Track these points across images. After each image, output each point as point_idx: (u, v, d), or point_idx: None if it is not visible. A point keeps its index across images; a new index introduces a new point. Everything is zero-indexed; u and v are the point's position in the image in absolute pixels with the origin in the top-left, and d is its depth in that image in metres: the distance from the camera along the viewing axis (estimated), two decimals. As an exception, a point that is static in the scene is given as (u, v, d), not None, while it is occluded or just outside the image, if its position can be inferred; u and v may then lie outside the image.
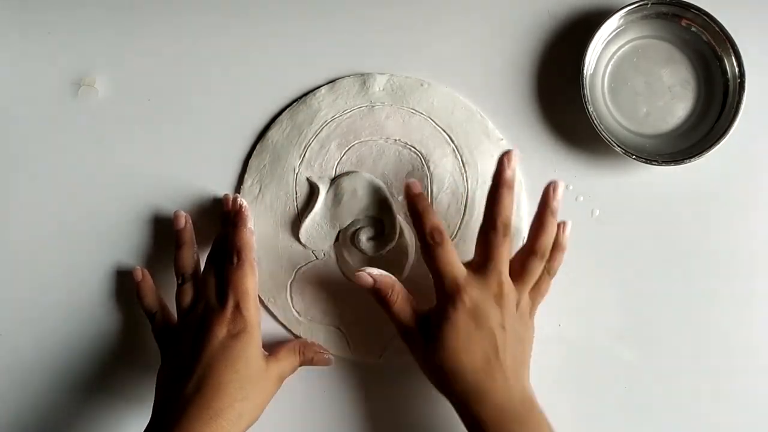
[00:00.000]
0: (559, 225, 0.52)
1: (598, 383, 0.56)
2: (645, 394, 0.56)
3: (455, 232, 0.56)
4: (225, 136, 0.59)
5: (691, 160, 0.54)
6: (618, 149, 0.54)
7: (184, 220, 0.56)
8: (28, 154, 0.59)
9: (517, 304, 0.50)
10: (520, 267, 0.51)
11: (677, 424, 0.55)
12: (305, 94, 0.59)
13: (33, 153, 0.59)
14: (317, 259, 0.57)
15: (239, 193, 0.58)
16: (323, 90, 0.58)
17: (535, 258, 0.50)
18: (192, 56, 0.60)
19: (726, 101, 0.56)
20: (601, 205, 0.57)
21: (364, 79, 0.58)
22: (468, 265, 0.51)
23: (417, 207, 0.51)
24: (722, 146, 0.54)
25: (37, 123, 0.59)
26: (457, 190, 0.57)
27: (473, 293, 0.49)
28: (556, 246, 0.52)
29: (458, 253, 0.55)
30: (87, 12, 0.60)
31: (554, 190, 0.51)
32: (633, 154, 0.54)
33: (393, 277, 0.51)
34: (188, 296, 0.53)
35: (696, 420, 0.55)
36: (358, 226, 0.56)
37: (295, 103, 0.59)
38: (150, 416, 0.49)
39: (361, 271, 0.51)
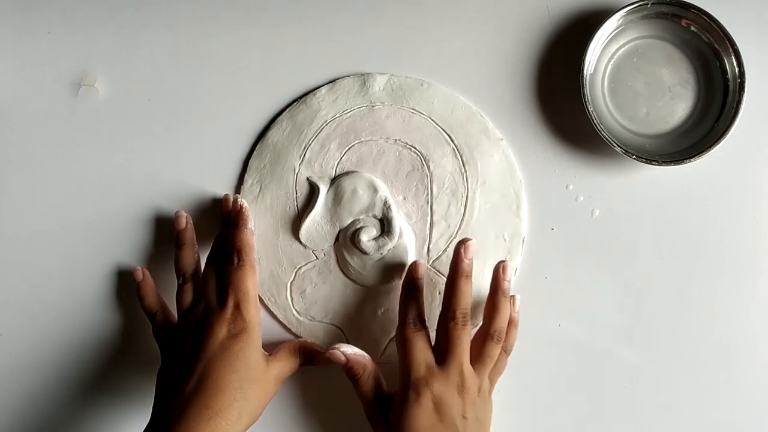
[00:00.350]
0: (510, 299, 0.53)
1: (598, 383, 0.56)
2: (645, 394, 0.56)
3: (455, 232, 0.56)
4: (225, 136, 0.59)
5: (691, 160, 0.54)
6: (618, 149, 0.54)
7: (185, 221, 0.56)
8: (28, 154, 0.59)
9: (479, 389, 0.51)
10: (478, 352, 0.51)
11: (677, 424, 0.55)
12: (305, 94, 0.59)
13: (33, 153, 0.59)
14: (317, 259, 0.57)
15: (239, 193, 0.58)
16: (323, 90, 0.58)
17: (491, 341, 0.51)
18: (192, 56, 0.60)
19: (726, 101, 0.56)
20: (601, 205, 0.57)
21: (364, 79, 0.58)
22: (432, 350, 0.51)
23: (410, 288, 0.52)
24: (722, 146, 0.54)
25: (37, 123, 0.59)
26: (457, 190, 0.57)
27: (436, 386, 0.49)
28: (510, 323, 0.53)
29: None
30: (87, 12, 0.60)
31: (504, 270, 0.52)
32: (633, 154, 0.54)
33: (366, 357, 0.52)
34: (188, 296, 0.53)
35: (696, 420, 0.55)
36: (358, 226, 0.56)
37: (295, 103, 0.59)
38: (150, 416, 0.49)
39: (335, 348, 0.51)
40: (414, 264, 0.53)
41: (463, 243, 0.52)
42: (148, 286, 0.56)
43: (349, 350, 0.51)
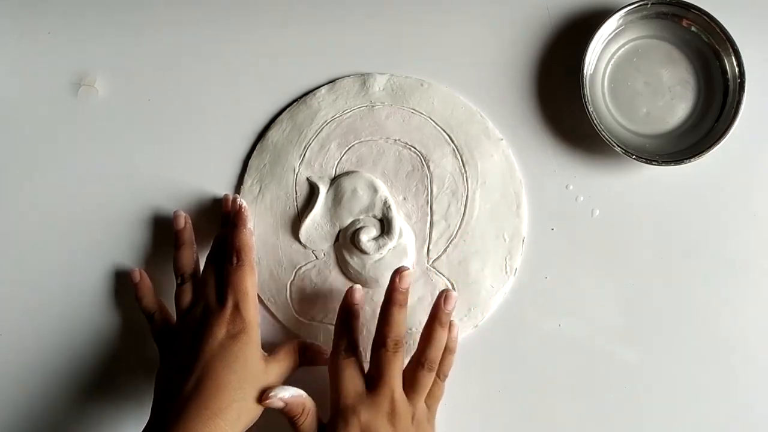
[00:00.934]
0: (450, 324, 0.52)
1: (598, 383, 0.56)
2: (645, 394, 0.56)
3: (455, 232, 0.56)
4: (225, 136, 0.59)
5: (691, 160, 0.54)
6: (618, 149, 0.54)
7: (184, 221, 0.56)
8: (28, 154, 0.59)
9: (413, 417, 0.50)
10: (411, 379, 0.51)
11: (677, 424, 0.55)
12: (305, 94, 0.59)
13: (33, 153, 0.59)
14: (317, 259, 0.57)
15: (239, 193, 0.58)
16: (323, 90, 0.58)
17: (423, 370, 0.50)
18: (192, 56, 0.60)
19: (726, 101, 0.56)
20: (601, 205, 0.57)
21: (364, 79, 0.58)
22: (363, 378, 0.51)
23: (347, 313, 0.51)
24: (722, 146, 0.54)
25: (37, 123, 0.59)
26: (457, 190, 0.57)
27: (364, 415, 0.49)
28: (447, 349, 0.52)
29: (459, 252, 0.56)
30: (87, 12, 0.60)
31: (445, 300, 0.51)
32: (633, 154, 0.54)
33: (304, 395, 0.50)
34: (187, 296, 0.53)
35: (696, 420, 0.55)
36: (358, 226, 0.56)
37: (295, 103, 0.59)
38: (149, 416, 0.49)
39: (272, 397, 0.49)
40: (350, 289, 0.52)
41: (398, 272, 0.51)
42: (146, 287, 0.56)
43: (287, 394, 0.50)
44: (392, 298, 0.51)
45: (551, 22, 0.59)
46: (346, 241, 0.56)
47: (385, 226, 0.56)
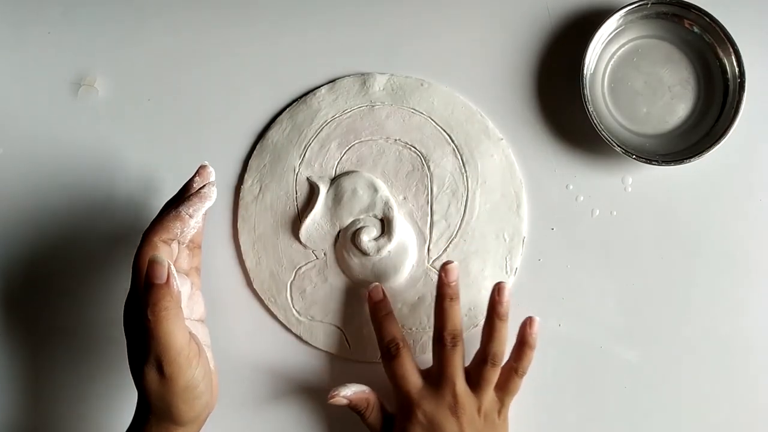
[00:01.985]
0: (525, 321, 0.52)
1: (598, 383, 0.56)
2: (645, 394, 0.56)
3: (455, 232, 0.56)
4: (225, 135, 0.59)
5: (691, 160, 0.54)
6: (618, 149, 0.54)
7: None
8: (28, 154, 0.59)
9: (479, 410, 0.50)
10: (475, 374, 0.51)
11: (677, 424, 0.55)
12: (305, 94, 0.59)
13: (33, 153, 0.59)
14: (317, 259, 0.57)
15: (239, 193, 0.58)
16: (323, 90, 0.58)
17: (486, 366, 0.50)
18: (192, 56, 0.60)
19: (726, 101, 0.56)
20: (601, 205, 0.57)
21: (364, 78, 0.58)
22: (426, 373, 0.52)
23: (377, 315, 0.53)
24: (722, 146, 0.54)
25: (37, 123, 0.59)
26: (457, 190, 0.57)
27: (427, 407, 0.50)
28: (525, 344, 0.52)
29: (459, 252, 0.56)
30: (87, 12, 0.60)
31: (499, 293, 0.51)
32: (633, 154, 0.54)
33: (367, 390, 0.52)
34: None
35: (696, 420, 0.55)
36: (359, 226, 0.56)
37: (295, 103, 0.59)
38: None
39: (335, 394, 0.50)
40: (371, 291, 0.53)
41: (443, 268, 0.51)
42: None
43: (349, 392, 0.51)
44: (442, 292, 0.51)
45: (551, 22, 0.59)
46: (347, 241, 0.56)
47: (386, 225, 0.56)
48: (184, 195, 0.50)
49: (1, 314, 0.58)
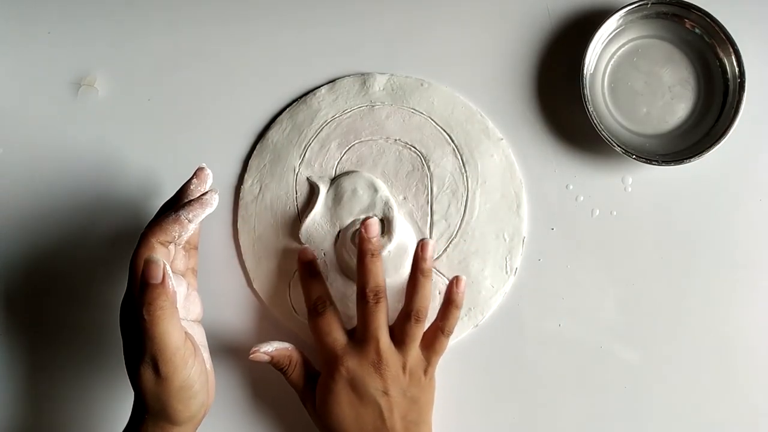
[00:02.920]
0: (452, 280, 0.52)
1: (598, 383, 0.56)
2: (645, 394, 0.56)
3: (455, 232, 0.56)
4: (225, 135, 0.59)
5: (691, 160, 0.54)
6: (618, 149, 0.54)
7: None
8: (28, 154, 0.59)
9: (404, 367, 0.50)
10: (399, 331, 0.51)
11: (677, 424, 0.55)
12: (305, 94, 0.59)
13: (33, 153, 0.59)
14: (317, 259, 0.57)
15: (239, 192, 0.58)
16: (323, 90, 0.58)
17: (409, 322, 0.50)
18: (192, 56, 0.60)
19: (726, 101, 0.56)
20: (601, 205, 0.57)
21: (364, 79, 0.58)
22: (352, 332, 0.52)
23: (306, 275, 0.54)
24: (722, 146, 0.54)
25: (37, 123, 0.60)
26: (457, 190, 0.57)
27: (350, 364, 0.50)
28: (451, 303, 0.52)
29: (459, 252, 0.56)
30: (87, 11, 0.60)
31: (422, 248, 0.51)
32: (633, 154, 0.54)
33: (290, 347, 0.52)
34: None
35: (696, 420, 0.55)
36: (359, 226, 0.56)
37: (295, 103, 0.59)
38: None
39: (256, 350, 0.51)
40: (300, 252, 0.54)
41: (363, 223, 0.52)
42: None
43: (271, 348, 0.51)
44: (363, 248, 0.52)
45: (551, 22, 0.59)
46: (347, 241, 0.56)
47: (386, 225, 0.56)
48: (182, 197, 0.50)
49: (1, 314, 0.58)
